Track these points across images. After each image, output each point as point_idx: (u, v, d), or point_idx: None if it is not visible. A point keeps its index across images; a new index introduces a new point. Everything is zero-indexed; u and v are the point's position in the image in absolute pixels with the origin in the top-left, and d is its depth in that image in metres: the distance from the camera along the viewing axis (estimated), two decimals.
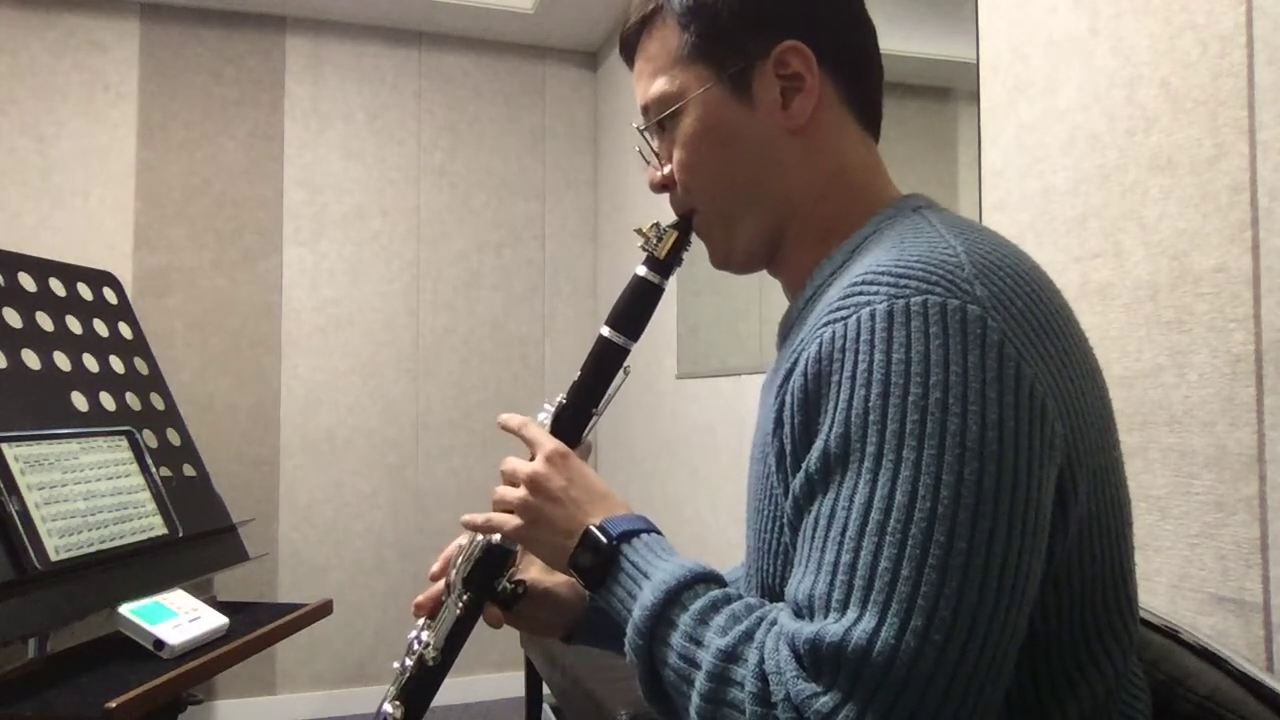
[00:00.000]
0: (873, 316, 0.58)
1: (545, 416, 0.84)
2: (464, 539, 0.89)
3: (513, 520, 0.78)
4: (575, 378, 0.85)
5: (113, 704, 1.37)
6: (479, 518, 0.83)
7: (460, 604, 0.86)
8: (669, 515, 2.86)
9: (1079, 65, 1.24)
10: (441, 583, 0.89)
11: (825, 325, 0.60)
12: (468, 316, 3.48)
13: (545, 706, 2.48)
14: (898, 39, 1.80)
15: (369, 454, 3.33)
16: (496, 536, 0.84)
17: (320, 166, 3.32)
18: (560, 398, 0.85)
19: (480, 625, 0.88)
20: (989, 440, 0.54)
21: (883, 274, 0.60)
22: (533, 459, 0.79)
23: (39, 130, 3.02)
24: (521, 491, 0.78)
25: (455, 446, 3.43)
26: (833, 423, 0.58)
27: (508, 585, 0.88)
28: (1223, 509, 1.01)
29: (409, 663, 0.87)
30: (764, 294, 2.25)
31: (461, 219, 3.49)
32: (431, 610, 0.89)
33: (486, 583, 0.87)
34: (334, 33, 3.35)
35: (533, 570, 0.92)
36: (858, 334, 0.58)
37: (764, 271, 0.84)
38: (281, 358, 3.24)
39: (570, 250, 3.64)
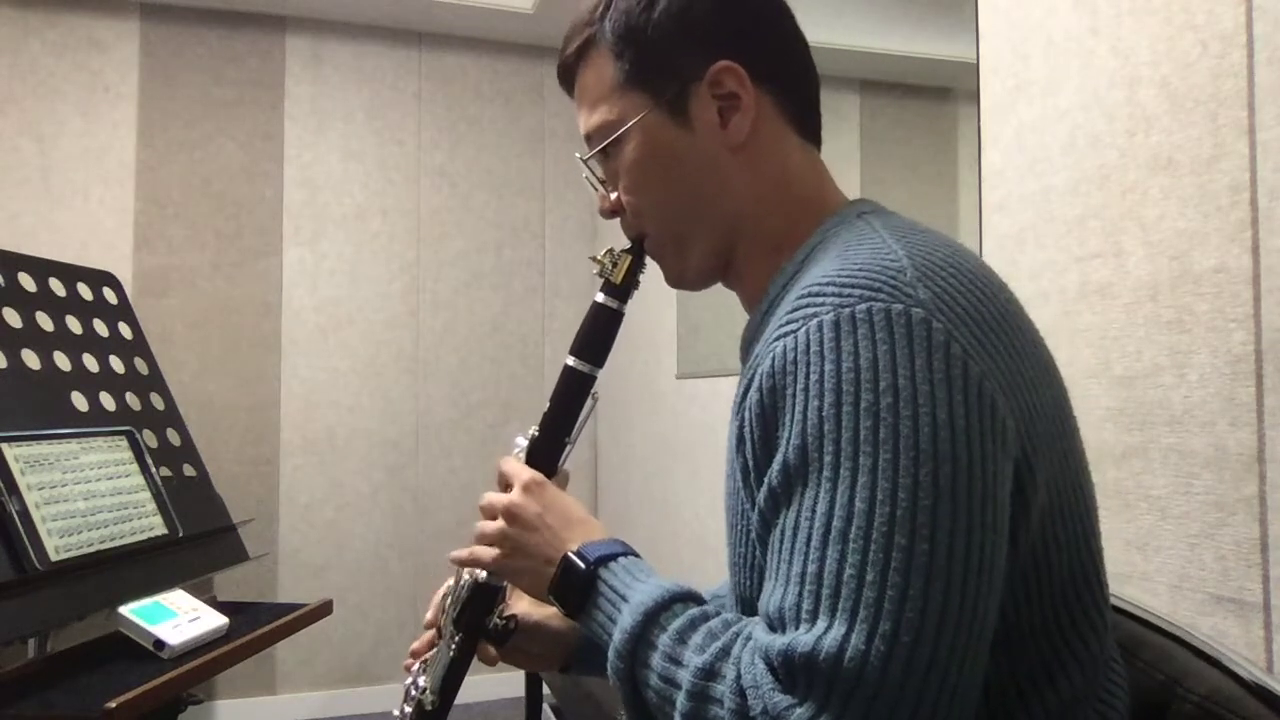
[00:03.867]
0: (820, 328, 0.58)
1: (520, 451, 0.85)
2: (451, 580, 0.89)
3: (493, 552, 0.79)
4: (545, 409, 0.85)
5: (113, 704, 1.37)
6: (464, 553, 0.83)
7: (453, 646, 0.86)
8: (669, 516, 2.86)
9: (1079, 65, 1.24)
10: (435, 627, 0.90)
11: (776, 340, 0.61)
12: (468, 316, 3.48)
13: (545, 706, 2.48)
14: (898, 39, 1.80)
15: (369, 454, 3.33)
16: (483, 575, 0.85)
17: (320, 166, 3.32)
18: (533, 430, 0.86)
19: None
20: (941, 441, 0.55)
21: (827, 284, 0.61)
22: (509, 490, 0.80)
23: (39, 130, 3.02)
24: (499, 523, 0.78)
25: (455, 446, 3.43)
26: (790, 435, 0.59)
27: (498, 621, 0.88)
28: (1223, 509, 1.01)
29: (408, 709, 0.87)
30: None
31: (461, 219, 3.49)
32: (427, 656, 0.89)
33: (477, 621, 0.87)
34: (334, 33, 3.35)
35: (522, 604, 0.92)
36: (807, 345, 0.59)
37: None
38: (281, 358, 3.24)
39: (570, 250, 3.64)
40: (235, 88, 3.24)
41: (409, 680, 0.89)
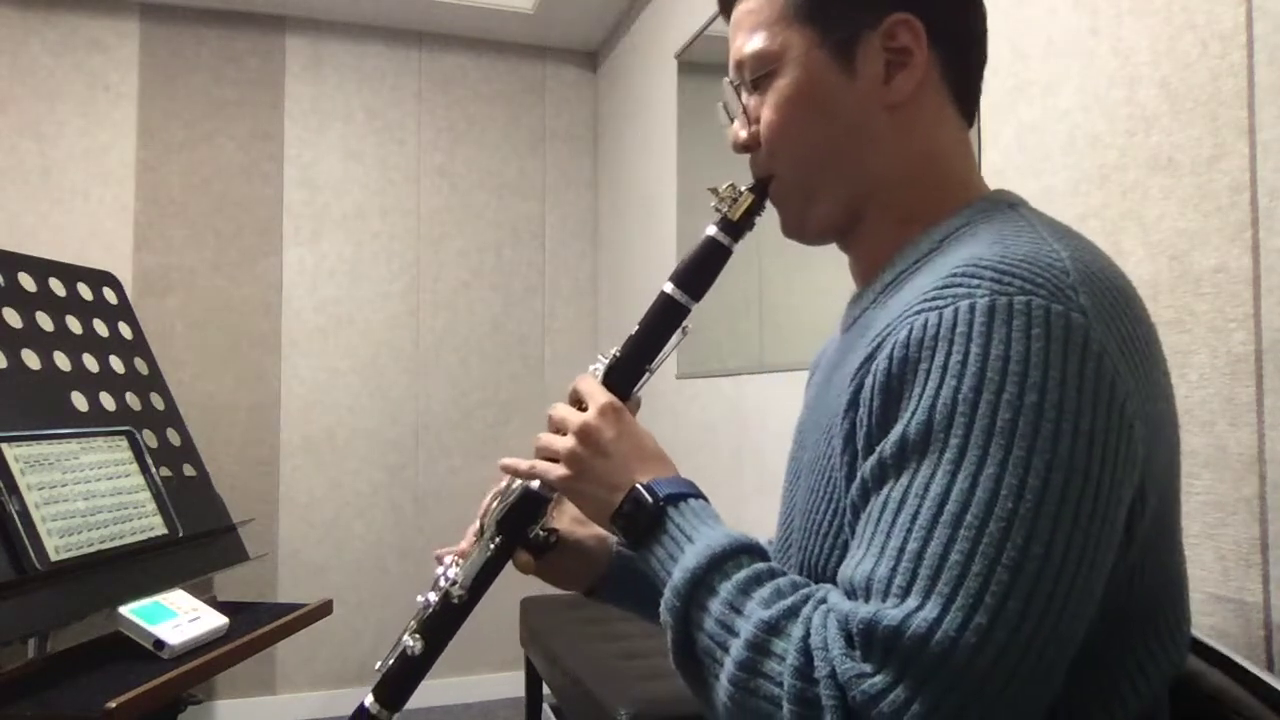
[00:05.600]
0: (972, 310, 0.56)
1: (598, 368, 0.83)
2: (500, 483, 0.88)
3: (558, 469, 0.77)
4: (633, 331, 0.83)
5: (113, 704, 1.37)
6: (522, 464, 0.82)
7: (492, 545, 0.85)
8: None
9: (1079, 65, 1.24)
10: (475, 525, 0.88)
11: (918, 313, 0.59)
12: (468, 316, 3.48)
13: (545, 706, 2.48)
14: None
15: (369, 454, 3.32)
16: (535, 483, 0.83)
17: (320, 166, 3.32)
18: (615, 351, 0.83)
19: (486, 617, 0.88)
20: (1079, 451, 0.54)
21: (985, 268, 0.58)
22: (583, 409, 0.78)
23: (39, 130, 3.02)
24: (570, 441, 0.76)
25: (455, 446, 3.43)
26: (916, 410, 0.57)
27: (540, 533, 0.88)
28: (1223, 509, 1.01)
29: (433, 598, 0.86)
30: (763, 294, 2.25)
31: (461, 219, 3.49)
32: (462, 548, 0.89)
33: (520, 528, 0.86)
34: (334, 33, 3.35)
35: (563, 521, 0.91)
36: (954, 325, 0.57)
37: (767, 268, 0.84)
38: (281, 358, 3.24)
39: (570, 250, 3.64)
40: (235, 88, 3.24)
41: (440, 570, 0.88)
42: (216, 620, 1.78)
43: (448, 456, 3.42)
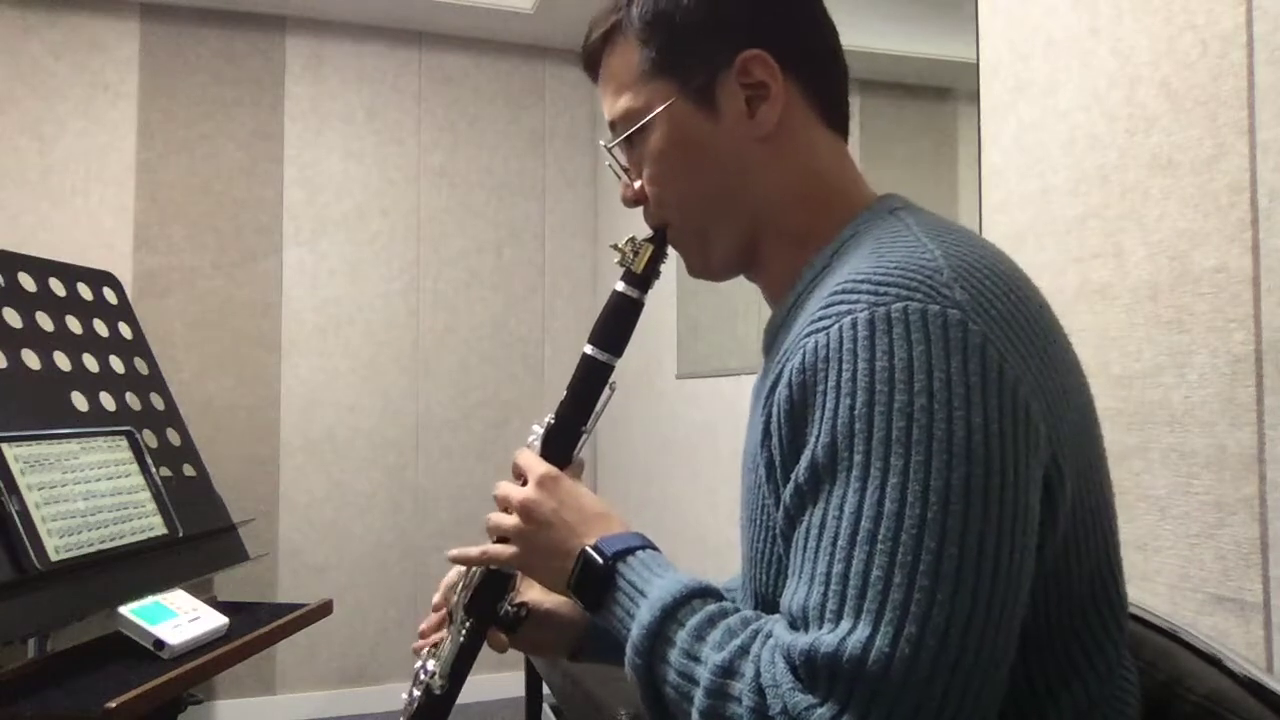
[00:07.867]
0: (854, 325, 0.58)
1: (535, 439, 0.84)
2: (461, 566, 0.89)
3: (508, 549, 0.79)
4: (562, 397, 0.84)
5: (113, 704, 1.37)
6: (472, 551, 0.83)
7: (463, 631, 0.86)
8: (669, 516, 2.86)
9: (1079, 65, 1.24)
10: (444, 610, 0.90)
11: (808, 335, 0.60)
12: (468, 316, 3.48)
13: (545, 706, 2.48)
14: (898, 39, 1.80)
15: (369, 454, 3.33)
16: None
17: (320, 166, 3.32)
18: (549, 418, 0.85)
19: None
20: (975, 444, 0.55)
21: (862, 282, 0.60)
22: (524, 484, 0.79)
23: (39, 130, 3.02)
24: (514, 519, 0.78)
25: (455, 446, 3.43)
26: (819, 433, 0.58)
27: (509, 609, 0.88)
28: (1223, 509, 1.01)
29: (416, 693, 0.87)
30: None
31: (461, 219, 3.49)
32: (435, 639, 0.89)
33: (488, 608, 0.87)
34: (334, 33, 3.35)
35: (533, 591, 0.92)
36: (840, 343, 0.58)
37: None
38: (281, 358, 3.24)
39: (570, 250, 3.64)
40: (235, 88, 3.24)
41: (418, 664, 0.89)
42: (216, 620, 1.78)
43: (448, 456, 3.42)
